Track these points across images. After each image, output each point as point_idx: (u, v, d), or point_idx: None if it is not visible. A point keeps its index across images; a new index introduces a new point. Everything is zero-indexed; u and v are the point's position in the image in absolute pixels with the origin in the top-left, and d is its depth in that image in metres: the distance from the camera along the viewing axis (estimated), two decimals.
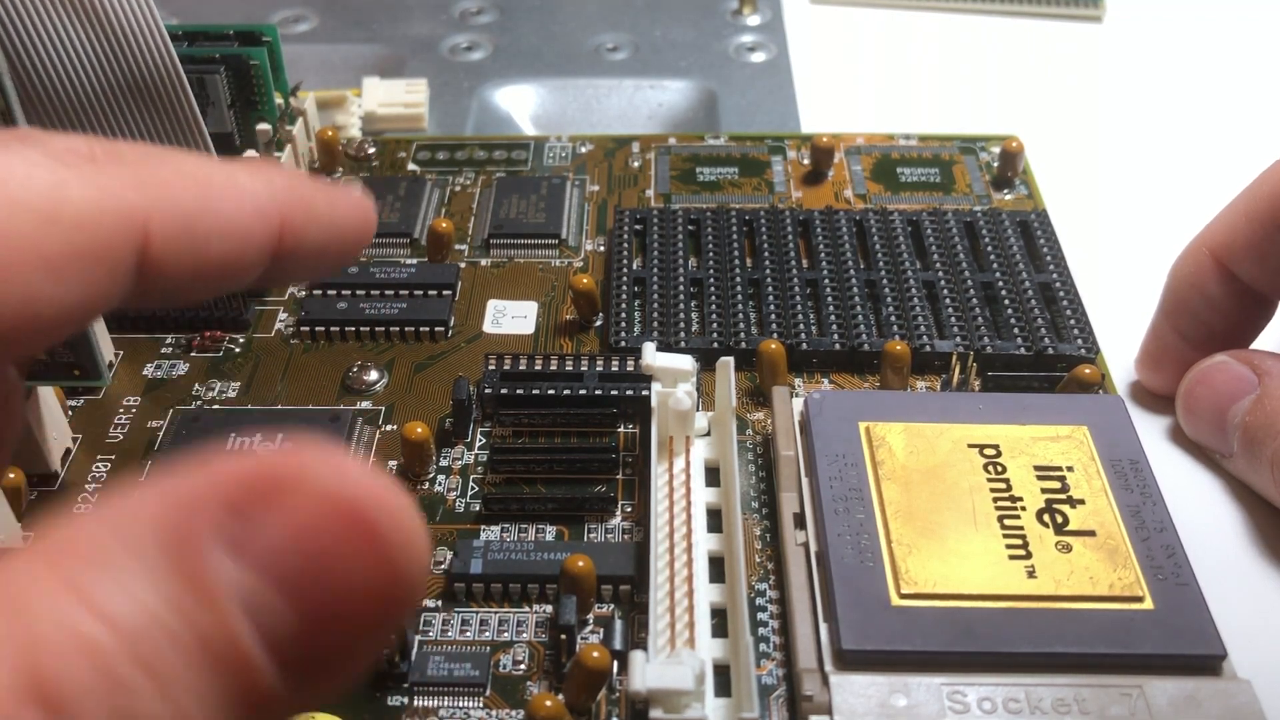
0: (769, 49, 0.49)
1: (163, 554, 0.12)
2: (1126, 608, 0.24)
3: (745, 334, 0.33)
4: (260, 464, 0.13)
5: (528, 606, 0.27)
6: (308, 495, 0.13)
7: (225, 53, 0.35)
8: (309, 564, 0.13)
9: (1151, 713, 0.23)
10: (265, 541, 0.13)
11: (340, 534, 0.13)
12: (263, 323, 0.34)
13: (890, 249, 0.35)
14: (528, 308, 0.35)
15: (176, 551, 0.12)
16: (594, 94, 0.47)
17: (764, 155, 0.41)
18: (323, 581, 0.13)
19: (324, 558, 0.13)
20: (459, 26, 0.51)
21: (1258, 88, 0.45)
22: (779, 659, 0.25)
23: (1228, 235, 0.30)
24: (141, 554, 0.12)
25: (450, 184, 0.40)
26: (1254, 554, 0.28)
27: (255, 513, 0.13)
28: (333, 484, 0.13)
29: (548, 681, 0.25)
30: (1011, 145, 0.39)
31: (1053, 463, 0.27)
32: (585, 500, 0.28)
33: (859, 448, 0.27)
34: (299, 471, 0.13)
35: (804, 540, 0.26)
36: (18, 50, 0.27)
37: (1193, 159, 0.41)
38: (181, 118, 0.30)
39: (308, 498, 0.13)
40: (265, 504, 0.13)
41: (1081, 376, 0.30)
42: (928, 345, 0.32)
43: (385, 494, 0.13)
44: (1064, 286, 0.34)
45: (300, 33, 0.50)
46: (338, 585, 0.13)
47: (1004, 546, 0.25)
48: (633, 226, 0.36)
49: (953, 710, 0.23)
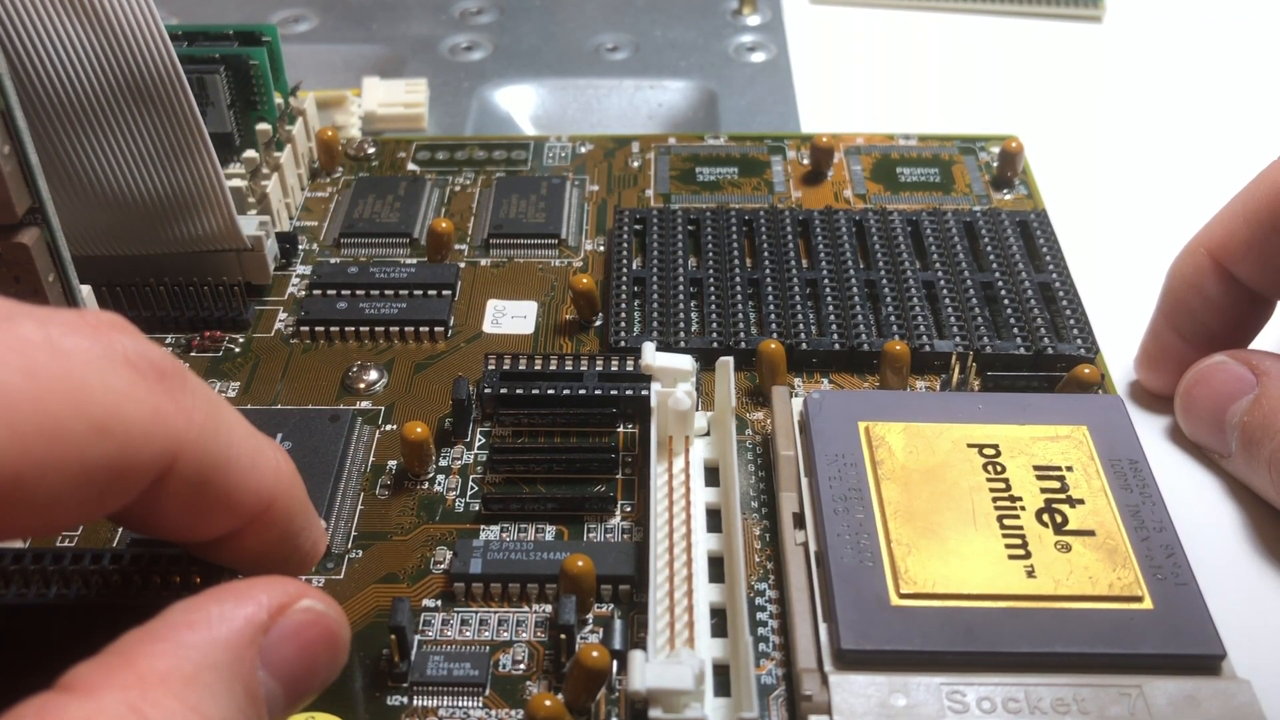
0: (769, 49, 0.49)
1: (233, 676, 0.17)
2: (1126, 607, 0.24)
3: (745, 334, 0.33)
4: (273, 591, 0.18)
5: (527, 606, 0.27)
6: (308, 618, 0.19)
7: (225, 53, 0.35)
8: (304, 669, 0.19)
9: (1151, 712, 0.23)
10: (285, 655, 0.18)
11: (322, 644, 0.19)
12: (263, 322, 0.34)
13: (890, 249, 0.35)
14: (527, 307, 0.35)
15: (240, 672, 0.17)
16: (594, 94, 0.47)
17: (764, 155, 0.41)
18: (308, 677, 0.19)
19: (312, 662, 0.19)
20: (459, 26, 0.51)
21: (1257, 88, 0.45)
22: (778, 659, 0.25)
23: (1226, 235, 0.30)
24: (218, 674, 0.17)
25: (450, 184, 0.40)
26: (1253, 554, 0.28)
27: (276, 630, 0.18)
28: (319, 609, 0.19)
29: (547, 681, 0.25)
30: (1011, 145, 0.39)
31: (1052, 463, 0.27)
32: (585, 500, 0.28)
33: (858, 447, 0.27)
34: (298, 598, 0.19)
35: (803, 540, 0.26)
36: (18, 50, 0.27)
37: (1192, 159, 0.41)
38: (181, 118, 0.30)
39: (308, 621, 0.19)
40: (281, 622, 0.18)
41: (1081, 376, 0.30)
42: (927, 345, 0.32)
43: (339, 611, 0.20)
44: (1063, 286, 0.34)
45: (300, 33, 0.50)
46: (314, 679, 0.19)
47: (1003, 546, 0.25)
48: (632, 226, 0.36)
49: (952, 710, 0.23)
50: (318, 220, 0.38)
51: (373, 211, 0.38)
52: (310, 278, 0.35)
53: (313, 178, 0.40)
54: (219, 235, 0.33)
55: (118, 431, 0.17)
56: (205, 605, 0.18)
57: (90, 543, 0.27)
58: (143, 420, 0.17)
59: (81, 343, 0.17)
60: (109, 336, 0.18)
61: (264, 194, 0.35)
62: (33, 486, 0.16)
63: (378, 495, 0.29)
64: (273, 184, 0.36)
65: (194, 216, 0.32)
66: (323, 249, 0.37)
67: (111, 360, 0.17)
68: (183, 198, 0.31)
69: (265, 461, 0.20)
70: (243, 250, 0.34)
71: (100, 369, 0.17)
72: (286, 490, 0.21)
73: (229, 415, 0.20)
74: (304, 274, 0.36)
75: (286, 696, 0.18)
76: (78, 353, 0.17)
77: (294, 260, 0.36)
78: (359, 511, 0.29)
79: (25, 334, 0.16)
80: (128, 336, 0.18)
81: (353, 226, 0.37)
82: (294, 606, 0.19)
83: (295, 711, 0.19)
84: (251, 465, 0.20)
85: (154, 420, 0.18)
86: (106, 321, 0.18)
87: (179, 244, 0.32)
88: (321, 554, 0.23)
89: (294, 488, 0.22)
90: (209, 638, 0.17)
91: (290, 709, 0.19)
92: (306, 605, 0.19)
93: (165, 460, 0.18)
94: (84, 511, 0.17)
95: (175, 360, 0.19)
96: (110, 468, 0.17)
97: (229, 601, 0.18)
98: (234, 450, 0.19)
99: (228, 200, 0.32)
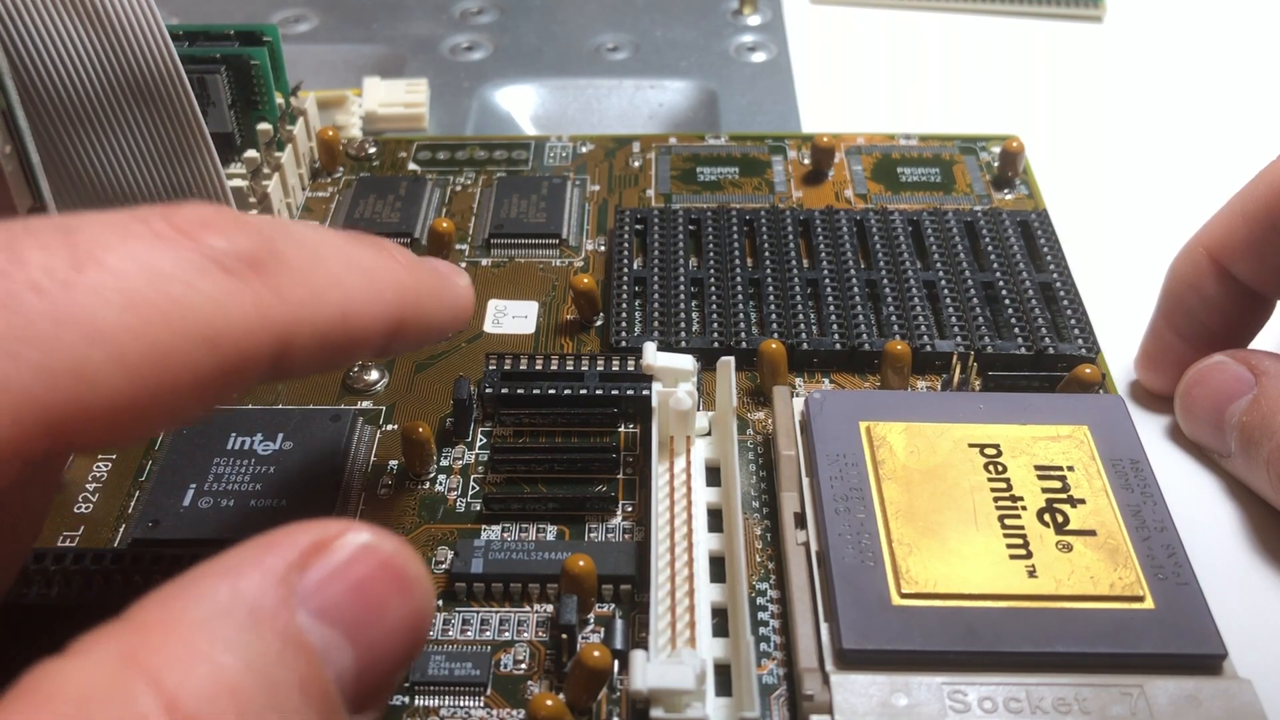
0: (769, 49, 0.49)
1: (256, 619, 0.15)
2: (1127, 607, 0.24)
3: (746, 334, 0.33)
4: (309, 531, 0.16)
5: (528, 606, 0.27)
6: (357, 553, 0.16)
7: (226, 52, 0.35)
8: (365, 610, 0.16)
9: (1152, 712, 0.23)
10: (332, 596, 0.16)
11: (384, 583, 0.16)
12: None
13: (891, 249, 0.35)
14: (528, 307, 0.35)
15: (266, 614, 0.15)
16: (594, 94, 0.47)
17: (764, 155, 0.41)
18: (373, 622, 0.16)
19: (374, 603, 0.16)
20: (459, 26, 0.51)
21: (1257, 88, 0.45)
22: (780, 658, 0.25)
23: (1225, 235, 0.30)
24: (234, 618, 0.15)
25: (451, 184, 0.40)
26: (1255, 553, 0.28)
27: (316, 569, 0.16)
28: (371, 542, 0.17)
29: (549, 681, 0.25)
30: (1012, 145, 0.39)
31: (1053, 462, 0.27)
32: (586, 500, 0.28)
33: (859, 447, 0.27)
34: (342, 533, 0.16)
35: (805, 540, 0.26)
36: (19, 50, 0.27)
37: (1193, 159, 0.41)
38: (182, 117, 0.30)
39: (358, 555, 0.16)
40: (321, 560, 0.16)
41: (1082, 376, 0.30)
42: (928, 345, 0.32)
43: (405, 548, 0.17)
44: (1064, 286, 0.34)
45: (301, 33, 0.50)
46: (383, 624, 0.16)
47: (1005, 546, 0.25)
48: (633, 226, 0.36)
49: (953, 709, 0.23)
50: (319, 220, 0.38)
51: (373, 211, 0.38)
52: None
53: (314, 177, 0.40)
54: None
55: (224, 341, 0.17)
56: (224, 556, 0.16)
57: (90, 543, 0.27)
58: (247, 321, 0.17)
59: (174, 259, 0.17)
60: (198, 241, 0.17)
61: (265, 194, 0.35)
62: (153, 409, 0.16)
63: (379, 495, 0.29)
64: (274, 184, 0.36)
65: None
66: None
67: (205, 269, 0.17)
68: (184, 197, 0.31)
69: (381, 290, 0.20)
70: None
71: (197, 282, 0.17)
72: (414, 301, 0.21)
73: (333, 266, 0.19)
74: None
75: (356, 645, 0.16)
76: (172, 272, 0.17)
77: None
78: (360, 511, 0.29)
79: (119, 264, 0.16)
80: (216, 235, 0.17)
81: (354, 226, 0.37)
82: (336, 541, 0.17)
83: (393, 669, 0.17)
84: (366, 302, 0.20)
85: (258, 317, 0.18)
86: (195, 222, 0.18)
87: None
88: (469, 299, 0.24)
89: (419, 290, 0.22)
90: (221, 583, 0.15)
91: (375, 663, 0.16)
92: (353, 538, 0.17)
93: (278, 346, 0.18)
94: (208, 406, 0.18)
95: (265, 237, 0.18)
96: (224, 372, 0.17)
97: (252, 548, 0.16)
98: (346, 302, 0.19)
99: (229, 200, 0.32)
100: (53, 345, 0.15)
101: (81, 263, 0.16)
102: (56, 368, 0.15)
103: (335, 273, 0.19)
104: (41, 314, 0.15)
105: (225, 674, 0.14)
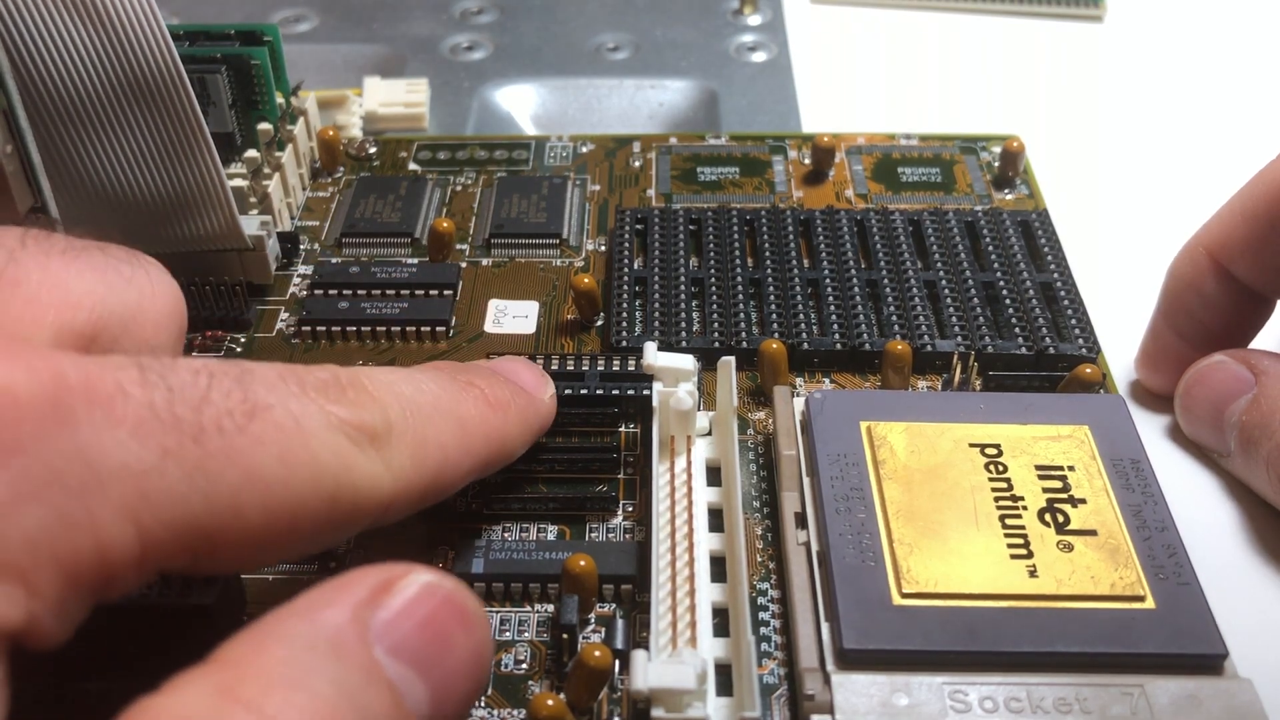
0: (770, 49, 0.49)
1: (339, 655, 0.16)
2: (1128, 607, 0.24)
3: (746, 333, 0.33)
4: (375, 574, 0.18)
5: (529, 606, 0.27)
6: (421, 591, 0.18)
7: (226, 52, 0.35)
8: (433, 647, 0.18)
9: (1153, 712, 0.23)
10: (402, 633, 0.17)
11: (448, 619, 0.18)
12: (264, 322, 0.34)
13: (891, 249, 0.35)
14: (529, 307, 0.35)
15: (348, 650, 0.17)
16: (594, 94, 0.47)
17: (765, 155, 0.41)
18: (442, 658, 0.18)
19: (441, 639, 0.18)
20: (459, 26, 0.51)
21: (1257, 88, 0.45)
22: (781, 658, 0.25)
23: (1224, 234, 0.30)
24: (319, 654, 0.16)
25: (451, 184, 0.40)
26: (1255, 553, 0.28)
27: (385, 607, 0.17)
28: (433, 581, 0.18)
29: (549, 681, 0.25)
30: (1012, 145, 0.39)
31: (1054, 462, 0.27)
32: (586, 500, 0.28)
33: (860, 447, 0.27)
34: (406, 574, 0.18)
35: (805, 540, 0.26)
36: (19, 49, 0.27)
37: (1193, 159, 0.41)
38: (183, 117, 0.30)
39: (422, 594, 0.18)
40: (389, 600, 0.18)
41: (1082, 376, 0.30)
42: (929, 345, 0.32)
43: (463, 586, 0.19)
44: (1065, 286, 0.34)
45: (301, 32, 0.50)
46: (451, 659, 0.18)
47: (1005, 546, 0.25)
48: (634, 226, 0.36)
49: (954, 709, 0.23)
50: (319, 220, 0.38)
51: (374, 211, 0.38)
52: (312, 277, 0.35)
53: (314, 177, 0.40)
54: (220, 235, 0.33)
55: (343, 501, 0.19)
56: (298, 599, 0.17)
57: None
58: (359, 489, 0.19)
59: (314, 418, 0.19)
60: (327, 404, 0.19)
61: (265, 193, 0.35)
62: (273, 547, 0.19)
63: None
64: (274, 183, 0.36)
65: (195, 216, 0.32)
66: (324, 249, 0.37)
67: (334, 431, 0.19)
68: (184, 197, 0.31)
69: (472, 443, 0.23)
70: (244, 250, 0.34)
71: (329, 445, 0.19)
72: (499, 444, 0.24)
73: (433, 430, 0.22)
74: (305, 274, 0.36)
75: (428, 682, 0.17)
76: (314, 431, 0.19)
77: (295, 260, 0.36)
78: None
79: (279, 419, 0.18)
80: (340, 404, 0.20)
81: (354, 226, 0.37)
82: (401, 581, 0.18)
83: (463, 704, 0.18)
84: (459, 460, 0.22)
85: (371, 488, 0.20)
86: (322, 384, 0.20)
87: (180, 243, 0.32)
88: (552, 413, 0.27)
89: (507, 429, 0.24)
90: (301, 622, 0.17)
91: (447, 698, 0.18)
92: (416, 579, 0.18)
93: (381, 511, 0.20)
94: (307, 553, 0.21)
95: (382, 407, 0.20)
96: (333, 527, 0.19)
97: (324, 590, 0.18)
98: (442, 464, 0.22)
99: (229, 200, 0.32)
100: (220, 479, 0.17)
101: (253, 412, 0.18)
102: (219, 497, 0.17)
103: (434, 437, 0.21)
104: (219, 450, 0.17)
105: (322, 702, 0.16)
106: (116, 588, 0.17)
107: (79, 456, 0.16)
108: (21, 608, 0.16)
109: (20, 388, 0.16)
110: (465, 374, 0.24)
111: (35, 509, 0.16)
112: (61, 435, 0.16)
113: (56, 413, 0.16)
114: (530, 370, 0.27)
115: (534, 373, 0.27)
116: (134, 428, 0.17)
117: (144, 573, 0.17)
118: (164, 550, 0.17)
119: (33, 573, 0.16)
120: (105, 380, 0.17)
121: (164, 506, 0.17)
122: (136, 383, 0.17)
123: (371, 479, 0.20)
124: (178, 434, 0.17)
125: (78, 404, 0.17)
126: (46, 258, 0.20)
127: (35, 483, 0.16)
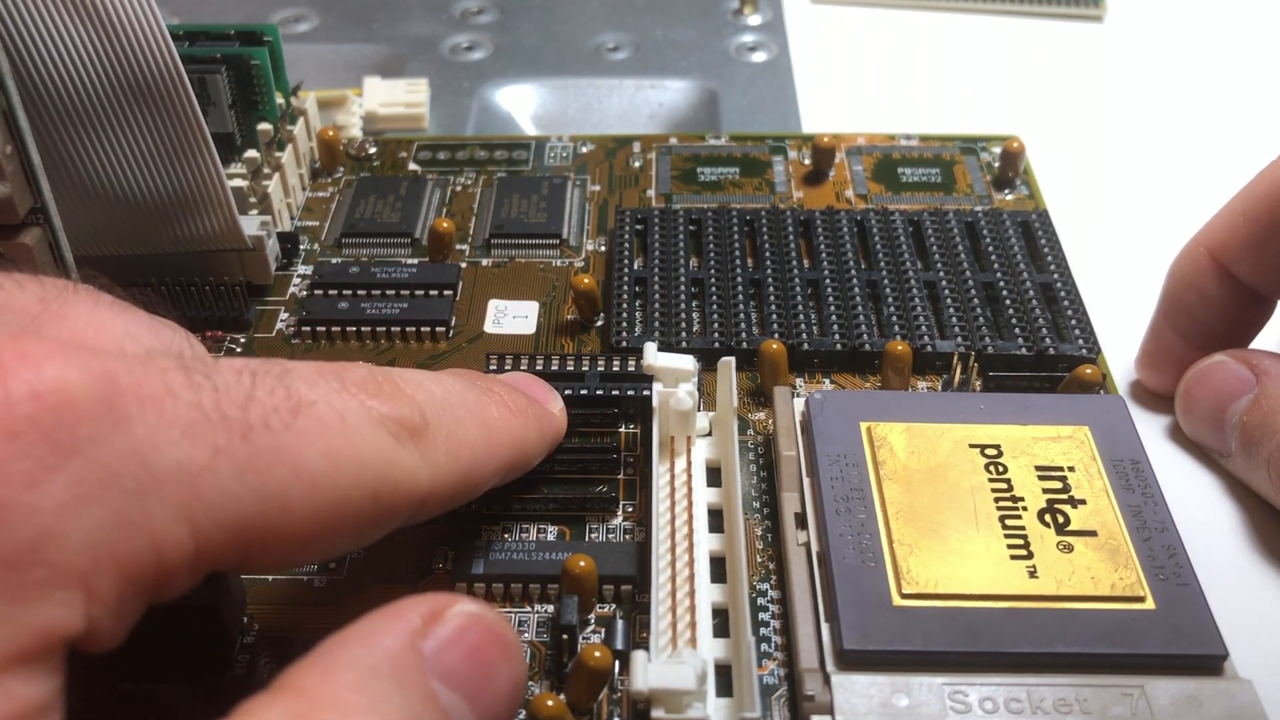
0: (770, 49, 0.49)
1: (401, 681, 0.17)
2: (1128, 608, 0.24)
3: (746, 334, 0.33)
4: (424, 603, 0.19)
5: (529, 606, 0.27)
6: (467, 620, 0.19)
7: (226, 52, 0.35)
8: (479, 674, 0.18)
9: (1153, 713, 0.23)
10: (451, 661, 0.18)
11: (492, 649, 0.19)
12: (264, 322, 0.34)
13: (891, 249, 0.35)
14: (529, 308, 0.35)
15: (408, 678, 0.17)
16: (595, 94, 0.47)
17: (765, 155, 0.41)
18: (487, 685, 0.18)
19: (486, 667, 0.19)
20: (459, 26, 0.51)
21: (1257, 87, 0.45)
22: (780, 659, 0.25)
23: (1225, 234, 0.30)
24: (384, 681, 0.17)
25: (451, 184, 0.40)
26: (1256, 554, 0.28)
27: (434, 636, 0.18)
28: (477, 611, 0.19)
29: (549, 681, 0.25)
30: (1012, 145, 0.39)
31: (1054, 463, 0.27)
32: (587, 500, 0.28)
33: (860, 448, 0.27)
34: (452, 603, 0.19)
35: (805, 540, 0.26)
36: (19, 49, 0.27)
37: (1193, 159, 0.41)
38: (183, 117, 0.30)
39: (469, 624, 0.19)
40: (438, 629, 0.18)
41: (1083, 376, 0.30)
42: (929, 345, 0.32)
43: (502, 616, 0.20)
44: (1065, 286, 0.34)
45: (301, 32, 0.50)
46: (495, 687, 0.19)
47: (1005, 546, 0.25)
48: (634, 226, 0.36)
49: (954, 710, 0.23)
50: (319, 220, 0.38)
51: (374, 211, 0.38)
52: (311, 278, 0.35)
53: (314, 177, 0.40)
54: (220, 235, 0.33)
55: (383, 494, 0.19)
56: (354, 627, 0.18)
57: None
58: (402, 481, 0.20)
59: (356, 413, 0.19)
60: (368, 399, 0.20)
61: (265, 194, 0.35)
62: (319, 543, 0.19)
63: None
64: (274, 184, 0.36)
65: (195, 216, 0.32)
66: (324, 249, 0.37)
67: (375, 425, 0.20)
68: (184, 197, 0.31)
69: (498, 447, 0.23)
70: (244, 250, 0.34)
71: (371, 439, 0.19)
72: (520, 449, 0.24)
73: (464, 431, 0.22)
74: (305, 274, 0.36)
75: (475, 709, 0.18)
76: (356, 426, 0.19)
77: (295, 260, 0.36)
78: None
79: (323, 414, 0.19)
80: (379, 399, 0.20)
81: (354, 226, 0.37)
82: (448, 612, 0.19)
83: None
84: (487, 460, 0.23)
85: (410, 481, 0.20)
86: (361, 380, 0.20)
87: (180, 244, 0.32)
88: (563, 426, 0.28)
89: (527, 436, 0.25)
90: (365, 649, 0.17)
91: None
92: (461, 609, 0.19)
93: (417, 505, 0.21)
94: (350, 549, 0.21)
95: (418, 404, 0.21)
96: (374, 521, 0.20)
97: (378, 618, 0.18)
98: (472, 463, 0.22)
99: (229, 200, 0.32)
100: (270, 475, 0.18)
101: (298, 408, 0.18)
102: (269, 494, 0.18)
103: (465, 437, 0.22)
104: (267, 447, 0.18)
105: None
106: (170, 588, 0.17)
107: (135, 457, 0.16)
108: (81, 612, 0.16)
109: (75, 388, 0.16)
110: (484, 380, 0.25)
111: (94, 510, 0.16)
112: (117, 436, 0.16)
113: (112, 413, 0.16)
114: (538, 385, 0.28)
115: (542, 387, 0.28)
116: (186, 427, 0.17)
117: (197, 572, 0.17)
118: (216, 549, 0.17)
119: (93, 576, 0.16)
120: (154, 381, 0.17)
121: (217, 505, 0.17)
122: (184, 384, 0.17)
123: (410, 473, 0.20)
124: (227, 432, 0.17)
125: (130, 404, 0.16)
126: (95, 304, 0.20)
127: (93, 484, 0.16)
